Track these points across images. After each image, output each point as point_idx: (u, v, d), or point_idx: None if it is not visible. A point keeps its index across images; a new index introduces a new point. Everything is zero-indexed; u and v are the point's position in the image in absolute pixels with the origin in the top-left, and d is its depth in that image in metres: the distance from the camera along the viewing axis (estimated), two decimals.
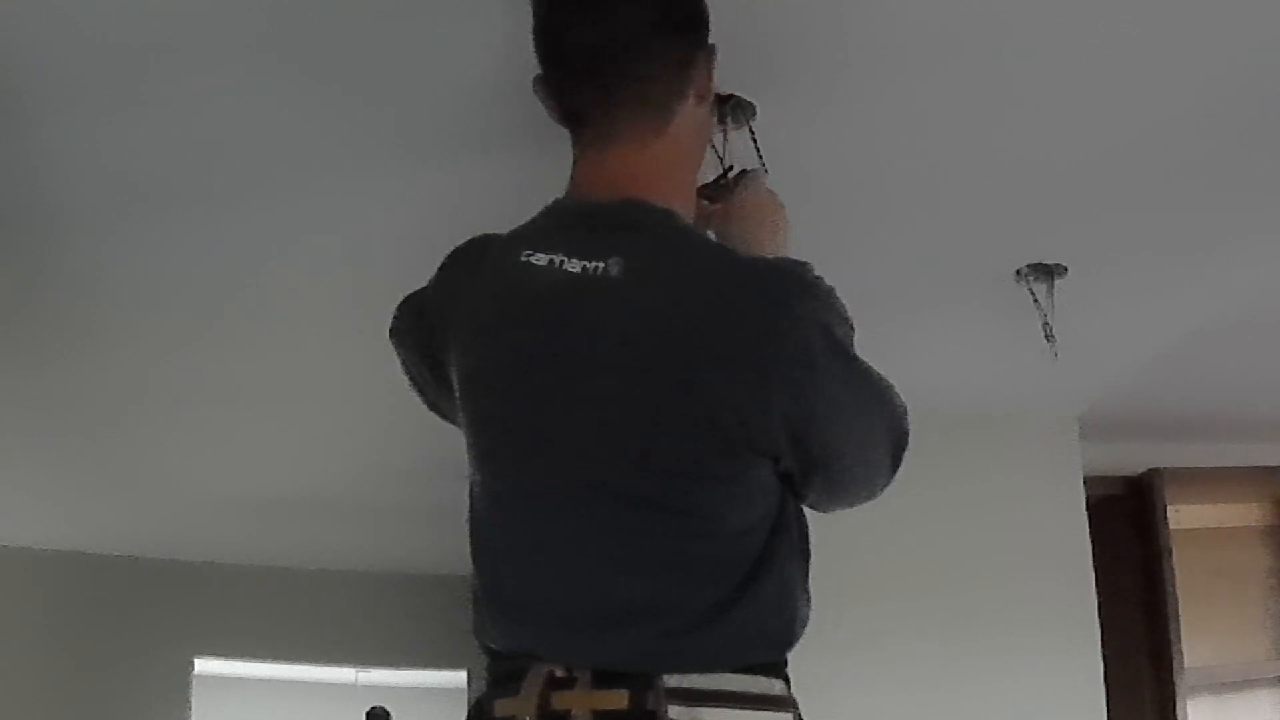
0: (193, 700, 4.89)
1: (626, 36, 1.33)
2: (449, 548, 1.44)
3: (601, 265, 1.29)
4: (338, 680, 6.92)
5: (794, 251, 1.52)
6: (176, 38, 1.69)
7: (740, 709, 1.27)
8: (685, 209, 1.40)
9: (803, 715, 1.34)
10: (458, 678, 5.00)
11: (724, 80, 1.82)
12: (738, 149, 1.81)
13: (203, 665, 4.99)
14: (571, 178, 1.40)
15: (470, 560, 1.38)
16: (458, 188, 1.86)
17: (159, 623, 4.82)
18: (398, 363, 1.55)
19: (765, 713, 1.28)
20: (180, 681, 4.87)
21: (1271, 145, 2.08)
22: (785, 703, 1.31)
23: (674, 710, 1.23)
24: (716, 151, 1.84)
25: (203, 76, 1.79)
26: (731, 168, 1.76)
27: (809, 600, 1.36)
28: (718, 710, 1.25)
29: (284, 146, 1.99)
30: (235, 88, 1.82)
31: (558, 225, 1.37)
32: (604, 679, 1.25)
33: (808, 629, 1.36)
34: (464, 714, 1.36)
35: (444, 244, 1.50)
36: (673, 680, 1.24)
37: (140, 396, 3.13)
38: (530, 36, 1.37)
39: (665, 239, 1.33)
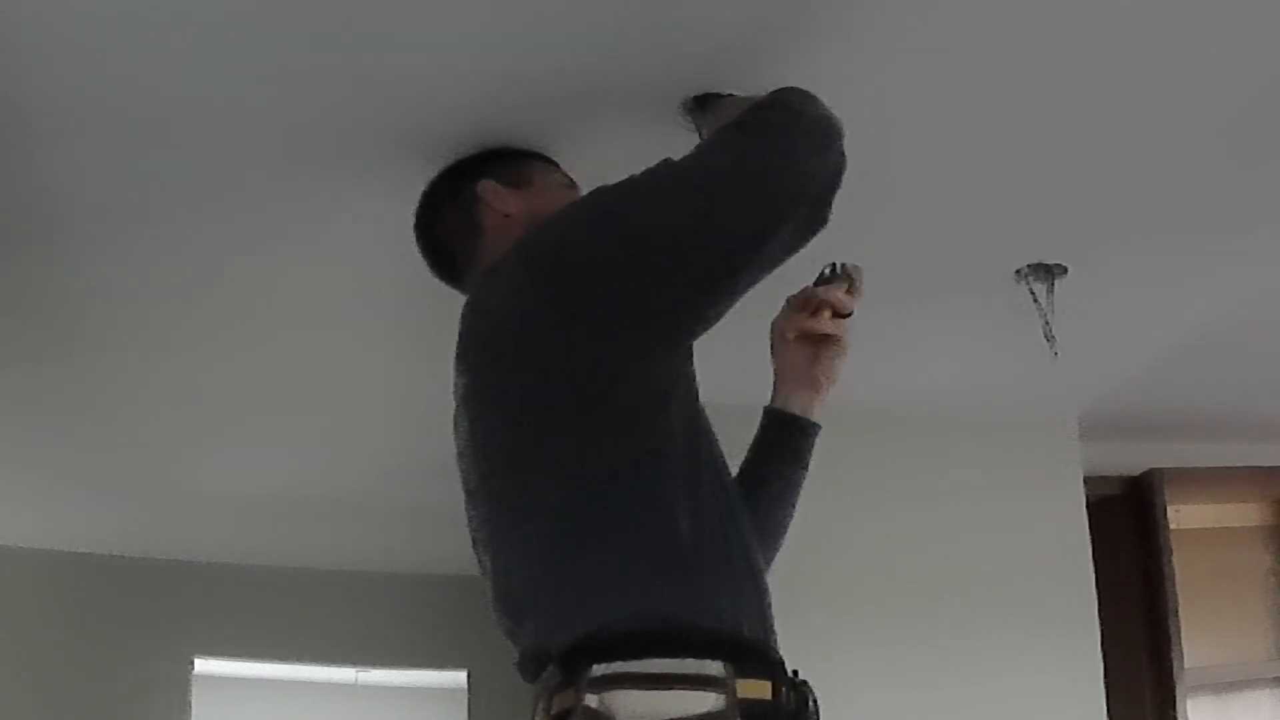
0: (193, 700, 4.88)
1: (427, 242, 1.86)
2: (449, 548, 1.44)
3: None
4: (338, 680, 6.91)
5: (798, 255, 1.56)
6: (170, 39, 1.70)
7: (651, 689, 1.29)
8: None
9: (782, 699, 1.34)
10: (458, 678, 4.95)
11: (722, 76, 1.82)
12: None
13: (203, 665, 4.97)
14: None
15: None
16: None
17: (159, 623, 4.80)
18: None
19: (680, 692, 1.29)
20: (180, 681, 4.86)
21: (1273, 146, 2.08)
22: (715, 683, 1.30)
23: (589, 698, 1.29)
24: None
25: (199, 76, 1.79)
26: None
27: (714, 536, 1.41)
28: (623, 693, 1.29)
29: (281, 146, 1.99)
30: (232, 88, 1.82)
31: None
32: (559, 684, 1.34)
33: (811, 625, 1.36)
34: (464, 714, 1.39)
35: None
36: (599, 669, 1.30)
37: (140, 396, 3.13)
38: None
39: None
